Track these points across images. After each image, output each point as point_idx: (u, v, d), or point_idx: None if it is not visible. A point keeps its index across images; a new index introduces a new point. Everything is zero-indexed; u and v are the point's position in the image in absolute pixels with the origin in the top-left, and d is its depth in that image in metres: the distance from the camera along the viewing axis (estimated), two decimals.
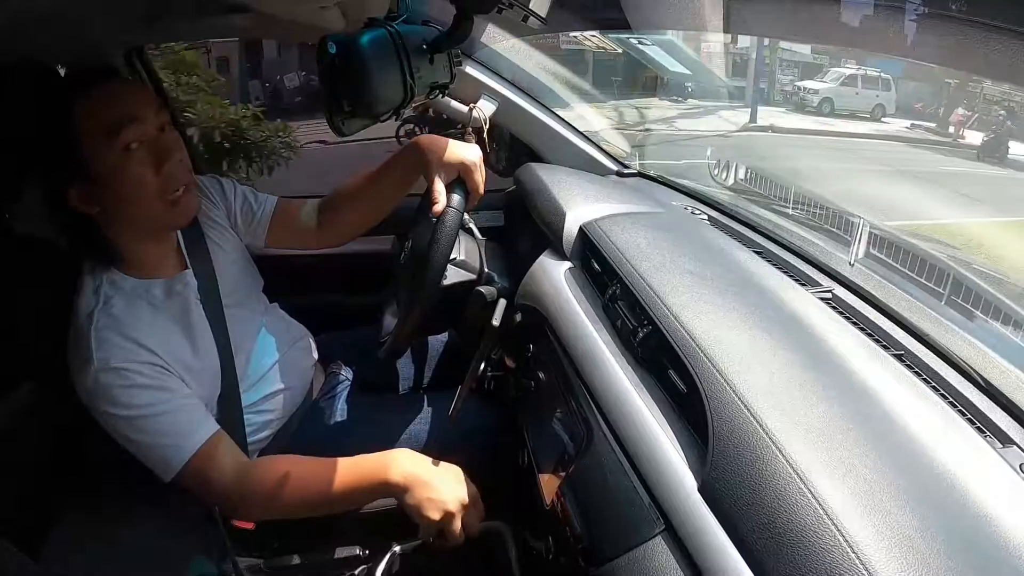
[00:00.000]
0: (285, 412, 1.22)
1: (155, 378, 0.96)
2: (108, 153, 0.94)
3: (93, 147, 0.93)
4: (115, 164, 0.94)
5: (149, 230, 1.04)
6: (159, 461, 0.97)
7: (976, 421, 0.76)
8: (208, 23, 1.21)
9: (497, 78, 1.61)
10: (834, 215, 1.71)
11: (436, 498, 0.99)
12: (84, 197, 0.95)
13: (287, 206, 1.29)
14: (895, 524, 0.57)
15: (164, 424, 0.96)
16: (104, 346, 0.94)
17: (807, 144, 6.63)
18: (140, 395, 0.95)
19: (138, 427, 0.95)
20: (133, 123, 0.95)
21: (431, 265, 1.07)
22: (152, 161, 0.97)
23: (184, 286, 1.07)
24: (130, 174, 0.96)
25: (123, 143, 0.94)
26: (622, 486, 0.79)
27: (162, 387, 0.97)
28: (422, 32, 1.00)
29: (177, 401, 0.98)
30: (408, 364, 1.51)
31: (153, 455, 0.97)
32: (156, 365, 0.97)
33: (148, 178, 0.97)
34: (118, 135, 0.94)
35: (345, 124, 0.90)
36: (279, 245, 1.30)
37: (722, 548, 0.63)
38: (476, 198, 1.16)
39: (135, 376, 0.95)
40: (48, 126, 0.93)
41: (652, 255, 1.02)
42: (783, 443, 0.64)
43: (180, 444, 0.96)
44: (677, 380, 0.82)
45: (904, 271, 1.38)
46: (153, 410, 0.95)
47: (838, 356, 0.83)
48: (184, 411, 0.98)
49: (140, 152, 0.96)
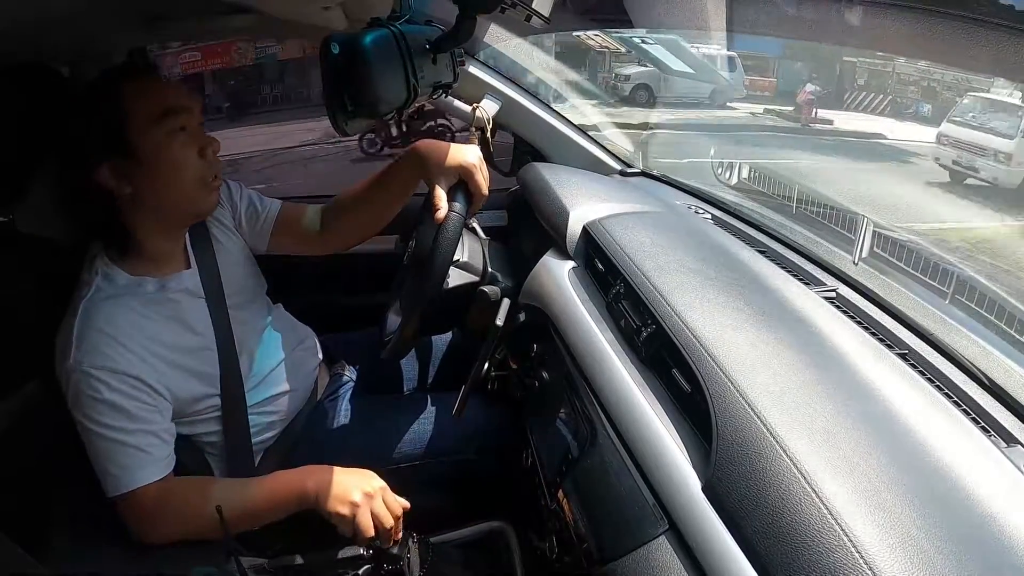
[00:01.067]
0: (290, 412, 1.22)
1: (123, 395, 0.95)
2: (156, 133, 0.97)
3: (141, 126, 0.97)
4: (161, 144, 0.98)
5: (171, 219, 1.06)
6: (100, 478, 0.97)
7: (981, 420, 0.76)
8: (211, 23, 1.21)
9: (500, 78, 1.61)
10: (838, 214, 1.70)
11: (339, 492, 0.98)
12: (118, 174, 0.98)
13: (291, 210, 1.29)
14: (899, 523, 0.57)
15: (112, 452, 0.96)
16: (83, 345, 0.94)
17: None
18: (102, 412, 0.95)
19: (90, 441, 0.96)
20: (183, 112, 1.00)
21: (434, 265, 1.07)
22: (196, 146, 1.01)
23: (180, 285, 1.07)
24: (175, 155, 0.99)
25: (172, 126, 0.98)
26: (626, 486, 0.79)
27: (125, 410, 0.96)
28: (425, 32, 1.00)
29: (134, 433, 0.97)
30: (412, 364, 1.51)
31: (97, 471, 0.97)
32: (130, 376, 0.96)
33: (191, 161, 1.01)
34: (167, 119, 0.98)
35: (348, 124, 0.89)
36: (281, 250, 1.30)
37: (726, 548, 0.63)
38: (479, 200, 1.15)
39: (103, 389, 0.94)
40: (93, 105, 0.96)
41: (656, 254, 1.02)
42: (787, 442, 0.64)
43: (119, 477, 0.96)
44: (681, 379, 0.82)
45: (908, 270, 1.37)
46: (108, 432, 0.95)
47: (842, 355, 0.83)
48: (137, 448, 0.97)
49: (185, 136, 1.00)
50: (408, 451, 1.26)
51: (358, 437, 1.26)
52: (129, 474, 0.96)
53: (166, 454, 1.00)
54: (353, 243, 1.34)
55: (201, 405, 1.07)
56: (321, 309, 1.49)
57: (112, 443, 0.95)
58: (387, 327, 1.29)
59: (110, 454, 0.96)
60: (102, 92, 0.97)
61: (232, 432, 1.10)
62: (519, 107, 1.63)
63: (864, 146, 5.70)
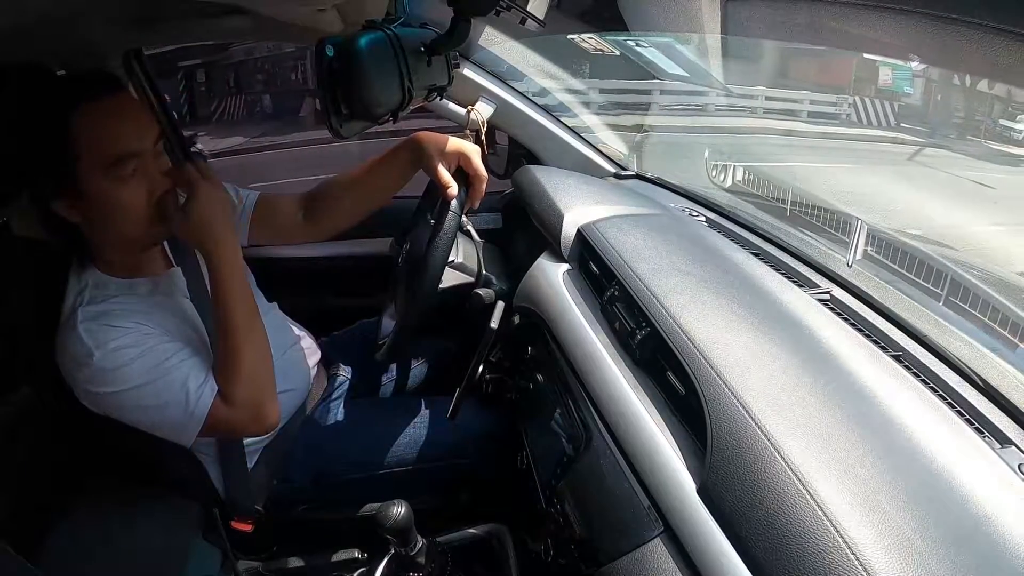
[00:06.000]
0: (287, 413, 1.21)
1: (148, 348, 0.95)
2: (104, 181, 0.93)
3: (89, 171, 0.92)
4: (110, 190, 0.93)
5: (132, 245, 1.03)
6: (178, 414, 0.96)
7: (975, 421, 0.76)
8: (206, 26, 1.20)
9: (495, 80, 1.61)
10: (832, 216, 1.70)
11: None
12: (69, 209, 0.94)
13: (268, 200, 1.28)
14: (894, 524, 0.57)
15: (179, 378, 0.96)
16: (95, 335, 0.93)
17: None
18: (142, 365, 0.94)
19: (142, 406, 0.95)
20: (133, 158, 0.94)
21: (429, 267, 1.07)
22: (146, 189, 0.96)
23: (171, 284, 1.07)
24: (124, 201, 0.95)
25: (122, 173, 0.94)
26: (621, 488, 0.80)
27: (156, 352, 0.96)
28: (420, 34, 1.00)
29: (180, 355, 0.97)
30: (407, 366, 1.51)
31: (169, 412, 0.96)
32: (146, 333, 0.96)
33: (140, 205, 0.96)
34: (117, 166, 0.93)
35: (343, 127, 0.89)
36: (263, 240, 1.28)
37: (721, 550, 0.63)
38: (479, 185, 1.15)
39: (129, 351, 0.94)
40: (43, 136, 0.91)
41: (650, 257, 1.02)
42: (782, 444, 0.64)
43: (200, 388, 0.96)
44: (675, 382, 0.82)
45: (902, 272, 1.38)
46: (157, 379, 0.95)
47: (837, 357, 0.83)
48: (190, 360, 0.98)
49: (137, 180, 0.95)
50: (403, 455, 1.25)
51: (353, 441, 1.26)
52: (201, 386, 0.96)
53: (207, 356, 1.01)
54: (336, 231, 1.32)
55: None
56: (317, 311, 1.49)
57: (171, 373, 0.95)
58: (382, 330, 1.29)
59: (176, 382, 0.95)
60: (53, 123, 0.90)
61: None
62: (514, 110, 1.63)
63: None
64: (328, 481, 1.18)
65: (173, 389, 0.95)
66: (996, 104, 2.86)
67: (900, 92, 4.05)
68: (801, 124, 4.40)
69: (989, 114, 2.96)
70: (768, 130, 4.27)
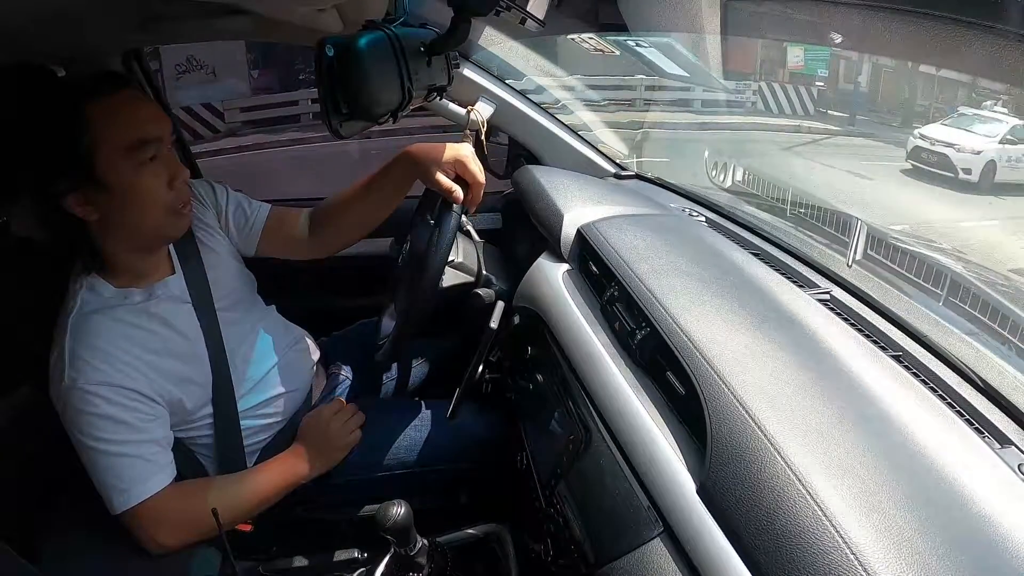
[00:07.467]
0: (286, 414, 1.21)
1: (122, 407, 0.95)
2: (126, 166, 0.94)
3: (109, 159, 0.93)
4: (131, 176, 0.95)
5: (146, 241, 1.04)
6: (105, 496, 0.96)
7: (974, 422, 0.76)
8: (206, 25, 1.21)
9: (495, 80, 1.61)
10: (832, 216, 1.70)
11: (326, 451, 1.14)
12: (85, 203, 0.95)
13: (280, 214, 1.28)
14: (894, 525, 0.57)
15: (117, 466, 0.95)
16: (76, 363, 0.94)
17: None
18: (103, 427, 0.94)
19: (91, 459, 0.95)
20: (154, 142, 0.96)
21: (429, 267, 1.07)
22: (167, 176, 0.99)
23: (167, 292, 1.06)
24: (145, 186, 0.97)
25: (143, 158, 0.95)
26: (620, 488, 0.79)
27: (125, 422, 0.95)
28: (420, 34, 1.00)
29: (136, 444, 0.97)
30: (407, 366, 1.51)
31: (103, 489, 0.96)
32: (126, 388, 0.96)
33: (161, 192, 0.98)
34: (138, 150, 0.95)
35: (343, 127, 0.89)
36: (269, 253, 1.29)
37: (721, 550, 0.63)
38: (477, 191, 1.15)
39: (101, 404, 0.94)
40: (57, 131, 0.92)
41: (650, 257, 1.02)
42: (781, 444, 0.64)
43: (127, 490, 0.95)
44: (675, 382, 0.82)
45: (902, 272, 1.38)
46: (111, 447, 0.95)
47: (836, 358, 0.83)
48: (142, 459, 0.97)
49: (156, 166, 0.97)
50: (403, 457, 1.26)
51: None
52: (137, 486, 0.96)
53: (168, 460, 1.00)
54: (341, 246, 1.33)
55: (195, 410, 1.06)
56: (317, 312, 1.49)
57: (116, 457, 0.95)
58: (382, 330, 1.29)
59: (115, 469, 0.95)
60: (68, 116, 0.92)
61: (224, 435, 1.10)
62: (514, 110, 1.63)
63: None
64: (328, 482, 1.18)
65: (121, 466, 0.96)
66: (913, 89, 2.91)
67: (814, 76, 4.06)
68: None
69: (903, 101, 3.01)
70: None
